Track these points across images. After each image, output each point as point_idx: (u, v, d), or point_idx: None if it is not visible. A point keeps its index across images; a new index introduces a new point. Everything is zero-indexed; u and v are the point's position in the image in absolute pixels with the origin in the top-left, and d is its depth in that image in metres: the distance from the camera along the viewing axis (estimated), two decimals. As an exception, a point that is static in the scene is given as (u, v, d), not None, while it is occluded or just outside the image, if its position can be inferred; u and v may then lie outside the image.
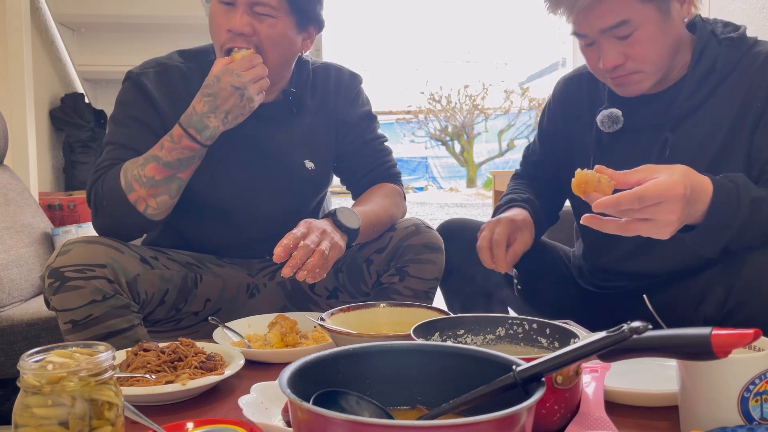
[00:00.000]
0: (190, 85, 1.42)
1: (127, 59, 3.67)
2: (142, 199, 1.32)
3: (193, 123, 1.30)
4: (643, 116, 1.30)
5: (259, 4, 1.32)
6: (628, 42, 1.20)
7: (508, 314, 1.57)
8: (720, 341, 0.58)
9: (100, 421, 0.67)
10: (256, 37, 1.33)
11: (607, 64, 1.22)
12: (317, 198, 1.60)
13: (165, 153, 1.31)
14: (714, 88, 1.24)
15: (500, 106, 13.03)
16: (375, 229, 1.43)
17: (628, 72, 1.23)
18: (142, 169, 1.31)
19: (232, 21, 1.32)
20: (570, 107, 1.46)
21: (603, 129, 1.33)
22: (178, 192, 1.36)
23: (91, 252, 1.25)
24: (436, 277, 1.44)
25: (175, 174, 1.33)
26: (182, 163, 1.32)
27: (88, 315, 1.22)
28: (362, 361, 0.69)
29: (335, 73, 1.55)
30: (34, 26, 3.16)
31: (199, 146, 1.31)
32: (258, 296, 1.53)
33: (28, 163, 2.99)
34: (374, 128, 1.59)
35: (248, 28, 1.32)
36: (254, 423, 0.81)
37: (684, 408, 0.82)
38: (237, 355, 1.09)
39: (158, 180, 1.31)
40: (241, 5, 1.32)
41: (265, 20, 1.34)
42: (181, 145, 1.31)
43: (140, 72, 1.43)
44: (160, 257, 1.40)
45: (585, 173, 1.00)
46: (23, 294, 1.99)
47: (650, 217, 0.97)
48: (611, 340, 0.61)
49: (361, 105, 1.57)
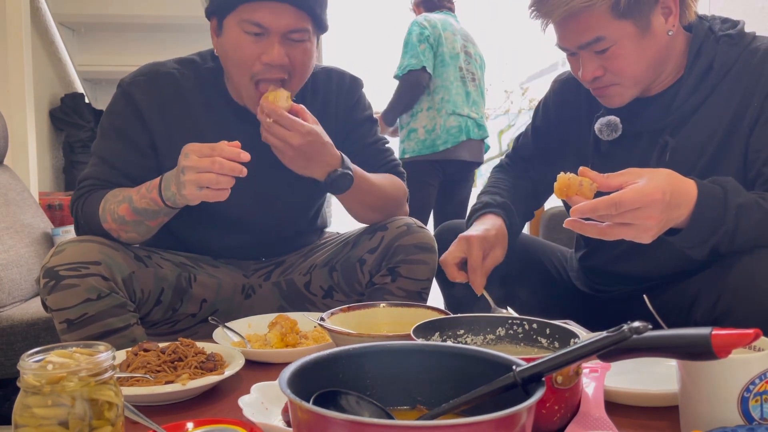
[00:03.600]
0: (182, 93, 1.41)
1: (127, 59, 3.68)
2: (114, 230, 1.34)
3: (166, 178, 1.29)
4: (642, 121, 1.29)
5: (296, 32, 1.31)
6: (606, 56, 1.20)
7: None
8: (720, 341, 0.58)
9: (100, 421, 0.67)
10: (290, 65, 1.32)
11: (585, 77, 1.23)
12: (316, 204, 1.60)
13: (138, 198, 1.31)
14: (713, 87, 1.23)
15: (500, 107, 13.02)
16: (372, 190, 1.43)
17: (606, 84, 1.23)
18: (117, 206, 1.32)
19: (267, 52, 1.30)
20: (566, 108, 1.44)
21: (601, 137, 1.32)
22: (147, 234, 1.37)
23: (85, 250, 1.26)
24: (428, 277, 1.43)
25: (143, 221, 1.33)
26: (148, 213, 1.31)
27: (83, 314, 1.23)
28: (362, 361, 0.68)
29: (336, 78, 1.54)
30: (34, 26, 3.16)
31: (162, 203, 1.29)
32: (254, 297, 1.53)
33: (28, 163, 2.99)
34: (376, 131, 1.58)
35: (286, 59, 1.31)
36: (254, 423, 0.81)
37: (684, 408, 0.82)
38: (237, 355, 1.09)
39: (127, 221, 1.32)
40: (275, 35, 1.30)
41: (299, 46, 1.33)
42: (150, 195, 1.30)
43: (131, 81, 1.42)
44: (153, 256, 1.41)
45: (567, 177, 1.02)
46: (23, 294, 1.99)
47: (629, 221, 0.98)
48: (611, 340, 0.61)
49: (362, 110, 1.56)
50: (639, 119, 1.29)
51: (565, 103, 1.45)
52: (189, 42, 3.39)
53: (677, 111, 1.24)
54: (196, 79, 1.44)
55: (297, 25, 1.30)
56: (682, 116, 1.25)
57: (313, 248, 1.58)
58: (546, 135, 1.50)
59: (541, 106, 1.53)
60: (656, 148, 1.26)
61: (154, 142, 1.41)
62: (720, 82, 1.22)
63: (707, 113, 1.23)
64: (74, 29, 3.60)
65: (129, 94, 1.40)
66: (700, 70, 1.24)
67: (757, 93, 1.19)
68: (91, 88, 3.66)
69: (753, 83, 1.20)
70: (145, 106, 1.40)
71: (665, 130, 1.26)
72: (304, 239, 1.62)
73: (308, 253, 1.57)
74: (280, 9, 1.28)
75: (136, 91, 1.40)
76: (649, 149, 1.28)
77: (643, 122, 1.28)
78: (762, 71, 1.19)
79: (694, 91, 1.24)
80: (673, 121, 1.25)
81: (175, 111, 1.40)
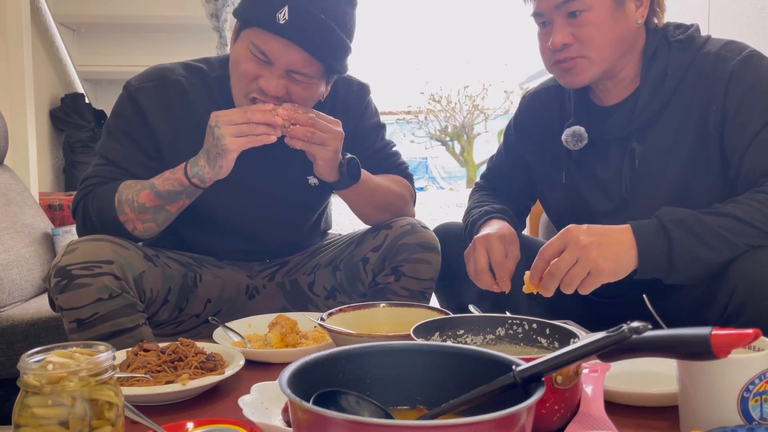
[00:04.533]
0: (190, 101, 1.41)
1: (127, 59, 3.68)
2: (130, 221, 1.34)
3: (191, 160, 1.30)
4: (606, 128, 1.31)
5: (300, 74, 1.29)
6: (578, 22, 1.22)
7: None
8: (720, 341, 0.58)
9: (100, 421, 0.67)
10: (287, 97, 1.31)
11: (555, 43, 1.24)
12: (319, 210, 1.60)
13: (161, 181, 1.31)
14: (671, 92, 1.25)
15: (500, 107, 13.03)
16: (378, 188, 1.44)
17: (574, 55, 1.24)
18: (136, 194, 1.32)
19: (266, 80, 1.28)
20: (539, 122, 1.45)
21: (568, 147, 1.34)
22: (165, 223, 1.37)
23: (98, 249, 1.26)
24: (431, 277, 1.43)
25: (164, 205, 1.33)
26: (171, 195, 1.31)
27: (94, 313, 1.22)
28: (362, 361, 0.68)
29: (344, 85, 1.51)
30: (34, 26, 3.16)
31: (187, 182, 1.30)
32: (257, 297, 1.53)
33: (28, 163, 2.99)
34: (383, 136, 1.58)
35: (283, 92, 1.29)
36: (254, 423, 0.81)
37: (684, 408, 0.82)
38: (237, 355, 1.09)
39: (148, 207, 1.32)
40: (279, 69, 1.28)
41: (301, 84, 1.31)
42: (175, 176, 1.30)
43: (138, 86, 1.40)
44: (161, 255, 1.41)
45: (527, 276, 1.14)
46: (23, 294, 1.99)
47: (570, 261, 1.06)
48: (611, 340, 0.61)
49: (370, 116, 1.55)
50: (603, 127, 1.31)
51: (536, 116, 1.47)
52: (189, 42, 3.39)
53: (639, 117, 1.27)
54: (203, 87, 1.42)
55: (303, 68, 1.28)
56: (646, 122, 1.27)
57: (317, 248, 1.59)
58: (521, 150, 1.50)
59: (512, 123, 1.54)
60: (625, 155, 1.29)
61: (159, 148, 1.40)
62: (677, 86, 1.25)
63: (671, 118, 1.25)
64: (74, 29, 3.60)
65: (136, 100, 1.40)
66: (655, 76, 1.26)
67: (714, 96, 1.21)
68: (92, 88, 3.66)
69: (709, 86, 1.22)
70: (151, 113, 1.39)
71: (631, 137, 1.28)
72: (308, 242, 1.62)
73: (312, 253, 1.58)
74: (291, 48, 1.26)
75: (143, 98, 1.39)
76: (620, 157, 1.30)
77: (607, 130, 1.31)
78: (715, 74, 1.21)
79: (653, 96, 1.26)
80: (638, 127, 1.27)
81: (182, 119, 1.40)
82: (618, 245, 1.08)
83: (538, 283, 1.11)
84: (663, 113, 1.26)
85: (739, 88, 1.19)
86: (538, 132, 1.46)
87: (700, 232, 1.08)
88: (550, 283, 1.08)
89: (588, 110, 1.35)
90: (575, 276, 1.06)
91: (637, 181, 1.28)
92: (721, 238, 1.08)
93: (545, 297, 1.11)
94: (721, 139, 1.21)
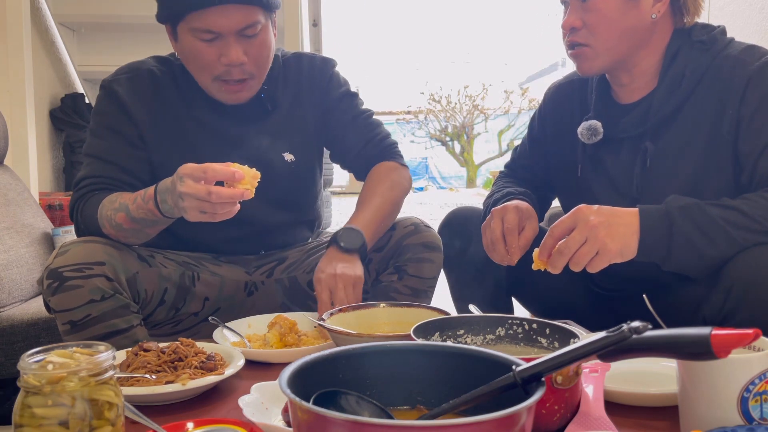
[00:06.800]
0: (160, 89, 1.44)
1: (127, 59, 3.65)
2: (113, 235, 1.34)
3: (161, 191, 1.26)
4: (621, 126, 1.31)
5: (248, 27, 1.31)
6: (588, 6, 1.23)
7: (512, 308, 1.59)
8: (720, 341, 0.58)
9: (100, 421, 0.67)
10: (250, 61, 1.34)
11: (565, 24, 1.27)
12: (307, 193, 1.58)
13: (134, 208, 1.29)
14: (687, 94, 1.25)
15: (500, 107, 13.03)
16: (385, 223, 1.44)
17: (580, 41, 1.26)
18: (114, 213, 1.31)
19: (225, 53, 1.31)
20: (561, 113, 1.46)
21: (583, 140, 1.35)
22: (146, 239, 1.37)
23: (90, 251, 1.26)
24: (434, 276, 1.45)
25: (141, 228, 1.33)
26: (146, 222, 1.31)
27: (87, 315, 1.22)
28: (362, 361, 0.69)
29: (307, 62, 1.55)
30: (34, 26, 3.16)
31: (159, 215, 1.28)
32: (256, 294, 1.53)
33: (28, 163, 3.00)
34: (357, 105, 1.57)
35: (244, 57, 1.33)
36: (254, 423, 0.81)
37: (684, 408, 0.82)
38: (237, 355, 1.09)
39: (125, 228, 1.32)
40: (229, 36, 1.31)
41: (255, 41, 1.34)
42: (147, 207, 1.28)
43: (112, 80, 1.44)
44: (157, 256, 1.41)
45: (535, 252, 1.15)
46: (23, 294, 1.99)
47: (580, 240, 1.08)
48: (611, 340, 0.61)
49: (337, 87, 1.55)
50: (619, 125, 1.31)
51: (559, 107, 1.48)
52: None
53: (654, 117, 1.27)
54: (172, 75, 1.46)
55: (248, 21, 1.31)
56: (660, 122, 1.27)
57: (316, 246, 1.58)
58: (543, 141, 1.51)
59: (536, 115, 1.55)
60: (638, 154, 1.29)
61: (142, 135, 1.43)
62: (694, 89, 1.24)
63: (685, 120, 1.25)
64: (74, 29, 3.60)
65: (113, 91, 1.42)
66: (673, 76, 1.26)
67: (730, 100, 1.20)
68: (92, 88, 3.66)
69: (726, 90, 1.21)
70: (129, 101, 1.42)
71: (645, 136, 1.28)
72: (299, 231, 1.61)
73: (311, 250, 1.57)
74: (228, 10, 1.29)
75: (119, 88, 1.42)
76: (632, 155, 1.30)
77: (622, 128, 1.31)
78: (733, 78, 1.21)
79: (668, 96, 1.26)
80: (652, 127, 1.27)
81: (157, 106, 1.43)
82: (626, 227, 1.10)
83: (546, 259, 1.12)
84: (678, 114, 1.25)
85: (756, 93, 1.18)
86: (559, 123, 1.46)
87: (701, 221, 1.09)
88: (558, 260, 1.10)
89: (607, 106, 1.35)
90: (584, 255, 1.08)
91: (647, 180, 1.28)
92: (720, 231, 1.08)
93: (553, 273, 1.12)
94: (735, 144, 1.20)
